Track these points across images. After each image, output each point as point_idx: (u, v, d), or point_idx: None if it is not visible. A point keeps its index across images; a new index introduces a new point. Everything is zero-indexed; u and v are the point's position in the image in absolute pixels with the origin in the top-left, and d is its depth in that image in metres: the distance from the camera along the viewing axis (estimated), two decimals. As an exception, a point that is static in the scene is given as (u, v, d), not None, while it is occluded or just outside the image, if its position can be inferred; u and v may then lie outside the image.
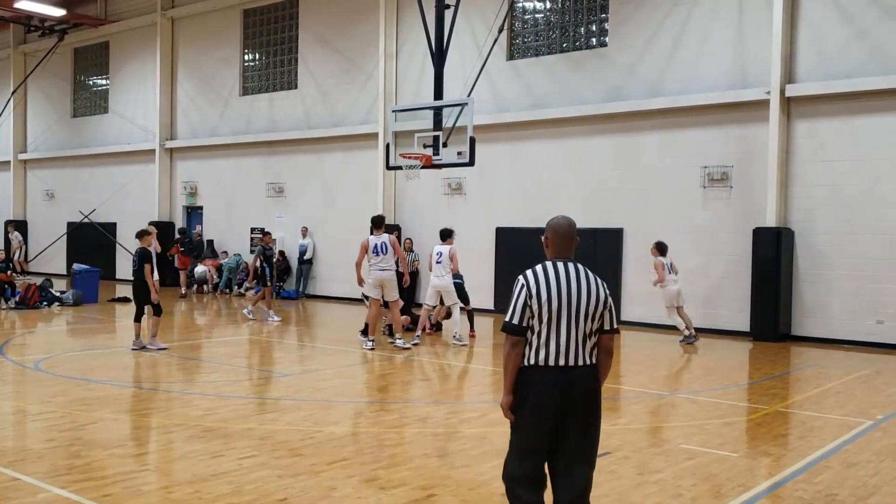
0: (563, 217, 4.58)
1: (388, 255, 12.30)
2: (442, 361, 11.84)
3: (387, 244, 12.33)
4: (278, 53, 22.90)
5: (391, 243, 12.37)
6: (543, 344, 4.21)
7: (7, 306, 17.43)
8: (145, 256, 11.78)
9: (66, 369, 10.45)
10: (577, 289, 4.26)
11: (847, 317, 14.15)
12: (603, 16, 17.11)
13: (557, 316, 4.21)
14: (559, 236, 4.50)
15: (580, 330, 4.23)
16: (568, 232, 4.52)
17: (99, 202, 27.50)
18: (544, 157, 17.68)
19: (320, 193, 21.71)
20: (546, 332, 4.22)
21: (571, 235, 4.53)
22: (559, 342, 4.21)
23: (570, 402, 4.21)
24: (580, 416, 4.24)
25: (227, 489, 5.63)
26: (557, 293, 4.23)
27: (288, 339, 14.14)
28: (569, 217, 4.60)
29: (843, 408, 8.95)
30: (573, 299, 4.24)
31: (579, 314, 4.23)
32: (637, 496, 5.70)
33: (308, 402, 8.86)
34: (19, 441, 7.16)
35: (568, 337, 4.22)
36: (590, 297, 4.27)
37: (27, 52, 30.10)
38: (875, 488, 5.99)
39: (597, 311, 4.27)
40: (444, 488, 5.78)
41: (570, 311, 4.22)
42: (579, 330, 4.23)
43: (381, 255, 12.34)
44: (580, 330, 4.23)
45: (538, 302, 4.22)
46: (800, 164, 14.61)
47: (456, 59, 17.17)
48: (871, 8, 13.95)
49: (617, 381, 10.68)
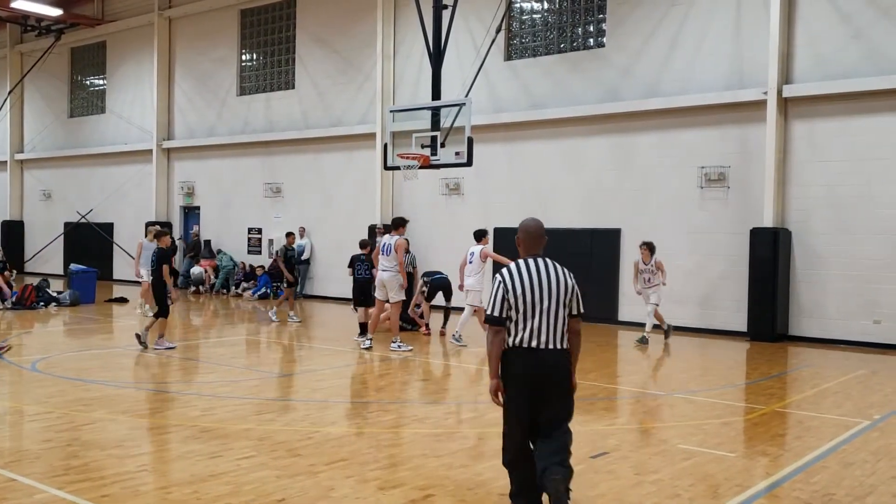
0: (532, 219, 5.18)
1: (389, 256, 12.34)
2: (440, 362, 11.84)
3: (390, 246, 12.37)
4: (276, 53, 22.89)
5: (394, 246, 12.39)
6: (520, 330, 4.89)
7: (4, 307, 17.40)
8: (164, 257, 11.91)
9: (64, 370, 10.44)
10: (546, 281, 4.94)
11: (844, 317, 14.18)
12: (600, 16, 17.12)
13: (532, 306, 4.88)
14: (530, 236, 5.09)
15: (551, 317, 4.90)
16: (537, 232, 5.10)
17: (96, 202, 27.48)
18: (542, 158, 17.69)
19: (318, 194, 21.70)
20: (522, 321, 4.89)
21: (541, 235, 5.11)
22: (532, 328, 4.88)
23: (542, 380, 4.88)
24: (553, 393, 4.92)
25: (225, 489, 5.63)
26: (531, 287, 4.90)
27: (285, 339, 14.13)
28: (537, 219, 5.21)
29: (840, 408, 8.96)
30: (544, 291, 4.91)
31: (550, 303, 4.90)
32: (634, 496, 5.71)
33: (306, 402, 8.86)
34: (16, 441, 7.15)
35: (540, 323, 4.89)
36: (559, 287, 4.94)
37: (24, 52, 30.05)
38: (872, 488, 6.00)
39: (566, 299, 4.95)
40: (443, 488, 5.78)
41: (542, 302, 4.89)
42: (550, 317, 4.90)
43: (384, 255, 12.39)
44: (551, 317, 4.90)
45: (514, 295, 4.89)
46: (797, 165, 14.64)
47: (453, 59, 17.19)
48: (868, 8, 13.98)
49: (614, 381, 10.70)
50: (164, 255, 11.99)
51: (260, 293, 21.21)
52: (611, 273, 16.61)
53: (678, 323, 15.66)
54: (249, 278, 22.41)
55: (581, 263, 16.75)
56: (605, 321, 16.53)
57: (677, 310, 15.78)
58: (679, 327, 15.63)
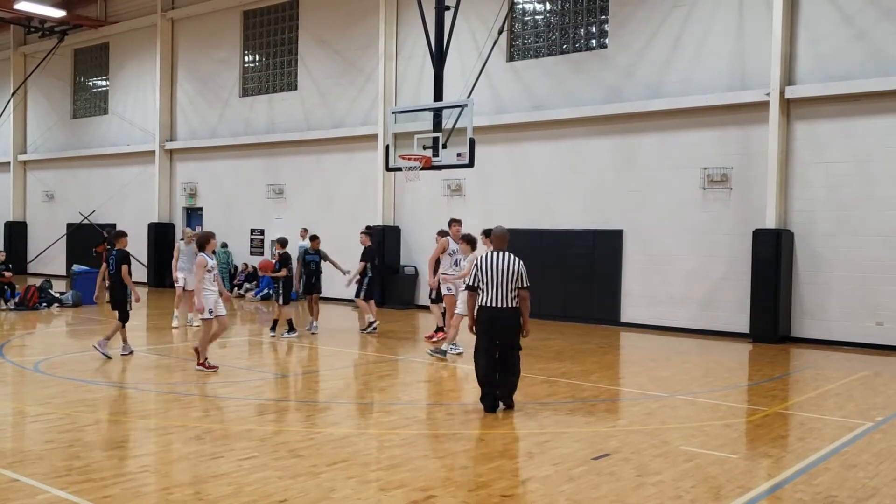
0: (500, 227, 8.70)
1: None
2: (441, 363, 11.83)
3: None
4: (278, 55, 22.91)
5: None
6: (485, 295, 8.23)
7: (7, 307, 17.43)
8: (123, 258, 11.31)
9: (66, 370, 10.45)
10: (500, 265, 8.19)
11: (846, 318, 14.16)
12: (602, 17, 17.12)
13: (491, 280, 8.17)
14: (496, 238, 8.55)
15: (504, 287, 8.15)
16: (501, 236, 8.52)
17: (98, 203, 27.52)
18: (544, 159, 17.69)
19: (320, 195, 21.71)
20: (486, 289, 8.22)
21: (504, 237, 8.50)
22: (492, 294, 8.18)
23: (499, 328, 8.24)
24: (506, 339, 8.28)
25: (226, 490, 5.63)
26: (491, 268, 8.20)
27: (285, 340, 14.12)
28: (503, 227, 8.74)
29: (843, 409, 8.95)
30: (499, 271, 8.17)
31: (503, 279, 8.15)
32: (636, 498, 5.70)
33: (307, 403, 8.86)
34: (19, 442, 7.16)
35: (497, 291, 8.16)
36: (509, 269, 8.17)
37: (27, 54, 30.11)
38: (874, 490, 5.99)
39: (513, 277, 8.16)
40: (444, 489, 5.78)
41: (497, 277, 8.16)
42: (503, 287, 8.15)
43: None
44: (504, 287, 8.15)
45: (481, 272, 8.25)
46: (799, 166, 14.62)
47: (455, 60, 17.19)
48: (870, 9, 13.96)
49: (616, 382, 10.69)
50: (124, 256, 11.34)
51: (262, 294, 21.22)
52: (613, 274, 16.59)
53: (680, 324, 15.68)
54: (252, 279, 22.42)
55: (583, 264, 16.78)
56: (607, 322, 16.52)
57: (679, 311, 15.79)
58: (681, 328, 15.66)
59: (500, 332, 8.19)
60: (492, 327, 8.16)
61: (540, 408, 8.72)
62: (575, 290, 16.90)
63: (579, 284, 16.85)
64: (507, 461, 6.75)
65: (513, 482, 6.07)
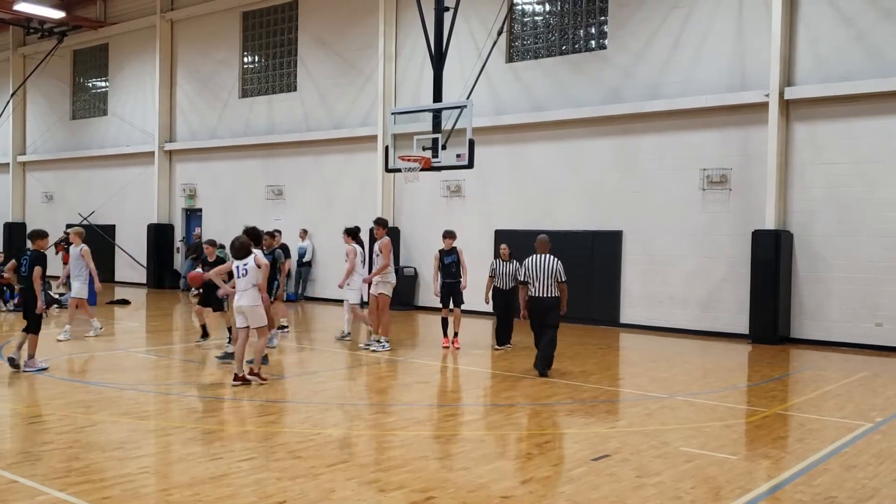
0: (543, 236, 11.03)
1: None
2: (441, 364, 11.83)
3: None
4: (277, 56, 22.91)
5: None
6: (532, 287, 10.59)
7: (6, 308, 17.41)
8: (37, 259, 10.33)
9: (65, 372, 10.43)
10: (543, 265, 10.57)
11: (846, 319, 14.15)
12: (602, 18, 17.12)
13: (536, 276, 10.55)
14: (540, 244, 10.86)
15: (546, 281, 10.50)
16: (544, 242, 10.88)
17: (98, 204, 27.50)
18: (543, 160, 17.69)
19: (319, 196, 21.70)
20: (533, 282, 10.58)
21: (546, 244, 10.85)
22: (537, 286, 10.54)
23: (542, 311, 10.59)
24: (549, 320, 10.58)
25: (225, 491, 5.63)
26: (536, 267, 10.60)
27: (286, 341, 14.12)
28: (546, 235, 11.08)
29: (843, 410, 8.95)
30: (542, 269, 10.55)
31: (546, 275, 10.51)
32: (636, 499, 5.70)
33: (307, 404, 8.85)
34: (18, 443, 7.14)
35: (541, 284, 10.53)
36: (549, 268, 10.54)
37: (26, 55, 30.09)
38: (874, 491, 5.99)
39: (554, 273, 10.52)
40: (443, 491, 5.78)
41: (541, 274, 10.53)
42: (546, 281, 10.50)
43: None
44: (546, 281, 10.50)
45: (530, 270, 10.63)
46: (799, 167, 14.62)
47: (455, 61, 17.19)
48: (870, 10, 13.96)
49: (616, 383, 10.69)
50: (39, 256, 10.34)
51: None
52: (613, 275, 16.58)
53: (680, 325, 15.69)
54: None
55: (582, 265, 16.75)
56: (606, 323, 16.52)
57: (679, 312, 15.79)
58: (681, 329, 15.65)
59: (543, 314, 10.56)
60: (537, 311, 10.60)
61: (540, 408, 8.72)
62: (575, 290, 16.79)
63: (579, 285, 16.81)
64: (507, 462, 6.75)
65: (512, 483, 6.06)
